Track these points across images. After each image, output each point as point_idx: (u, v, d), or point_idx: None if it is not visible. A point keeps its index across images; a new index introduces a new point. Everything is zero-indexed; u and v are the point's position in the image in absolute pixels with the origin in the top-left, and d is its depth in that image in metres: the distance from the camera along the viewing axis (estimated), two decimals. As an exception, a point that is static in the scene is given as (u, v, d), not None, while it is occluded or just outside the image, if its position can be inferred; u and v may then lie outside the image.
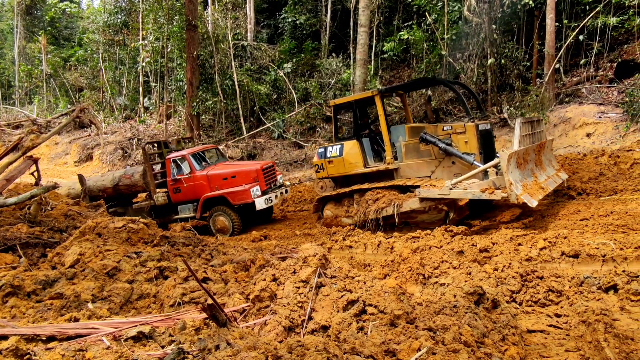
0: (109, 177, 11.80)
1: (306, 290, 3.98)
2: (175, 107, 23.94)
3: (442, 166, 8.06)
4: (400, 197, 7.87)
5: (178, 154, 11.08)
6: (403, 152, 8.39)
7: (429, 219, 7.76)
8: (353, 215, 8.60)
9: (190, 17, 18.05)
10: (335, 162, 8.96)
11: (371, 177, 8.79)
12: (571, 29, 13.20)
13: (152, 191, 10.75)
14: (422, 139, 8.03)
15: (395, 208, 7.77)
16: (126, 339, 2.93)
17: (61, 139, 26.70)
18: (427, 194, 7.40)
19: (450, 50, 15.20)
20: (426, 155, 8.17)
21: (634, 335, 3.32)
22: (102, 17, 29.20)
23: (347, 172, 8.88)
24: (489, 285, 4.36)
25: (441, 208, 7.52)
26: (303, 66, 19.66)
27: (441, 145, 7.81)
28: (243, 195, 10.04)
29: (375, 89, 8.79)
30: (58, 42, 36.56)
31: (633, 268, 4.69)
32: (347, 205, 8.83)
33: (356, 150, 8.80)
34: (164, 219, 11.18)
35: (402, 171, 8.43)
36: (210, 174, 10.64)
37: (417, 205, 7.58)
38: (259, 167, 10.49)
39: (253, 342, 2.92)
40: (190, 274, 4.80)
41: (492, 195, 6.79)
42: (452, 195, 7.16)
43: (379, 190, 8.21)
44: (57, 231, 7.17)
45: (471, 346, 3.17)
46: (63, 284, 4.75)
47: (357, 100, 8.99)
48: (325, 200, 9.21)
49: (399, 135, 8.55)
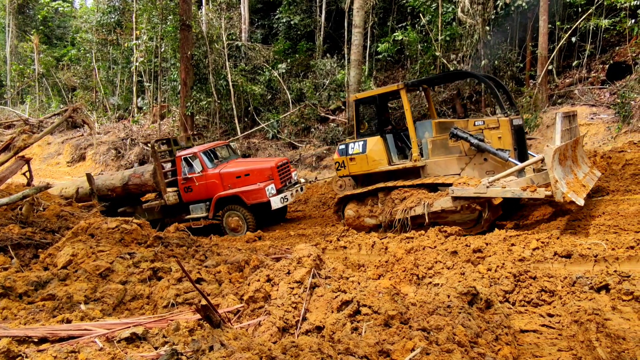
0: (118, 176, 11.51)
1: (300, 291, 3.98)
2: (169, 107, 23.84)
3: (473, 163, 7.65)
4: (431, 196, 7.50)
5: (189, 151, 10.72)
6: (429, 148, 7.99)
7: (461, 219, 7.41)
8: (377, 216, 8.21)
9: (184, 17, 17.98)
10: (358, 160, 8.53)
11: (395, 175, 8.37)
12: (564, 31, 13.29)
13: (163, 190, 10.47)
14: (452, 135, 7.62)
15: (426, 207, 7.40)
16: (119, 340, 2.91)
17: (54, 139, 26.51)
18: (461, 192, 7.01)
19: (444, 52, 15.25)
20: (455, 151, 7.78)
21: (625, 335, 3.35)
22: (95, 16, 29.02)
23: (370, 170, 8.46)
24: (482, 286, 4.38)
25: (474, 207, 7.16)
26: (297, 67, 19.65)
27: (473, 141, 7.41)
28: (258, 194, 9.73)
29: (401, 83, 8.35)
30: (50, 42, 36.27)
31: (624, 268, 4.73)
32: (370, 204, 8.42)
33: (380, 147, 8.38)
34: (174, 219, 10.92)
35: (429, 169, 8.03)
36: (223, 172, 10.30)
37: (449, 205, 7.22)
38: (273, 165, 10.13)
39: (247, 343, 2.91)
40: (184, 274, 4.78)
41: (534, 193, 6.41)
42: (490, 194, 6.78)
43: (407, 189, 7.84)
44: (50, 232, 7.11)
45: (465, 346, 3.19)
46: (55, 285, 4.71)
47: (380, 94, 8.59)
48: (346, 199, 8.79)
49: (424, 131, 8.19)
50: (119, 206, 11.49)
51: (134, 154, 20.41)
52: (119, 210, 11.34)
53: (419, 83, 8.96)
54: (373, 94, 8.70)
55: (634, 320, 3.59)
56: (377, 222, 8.25)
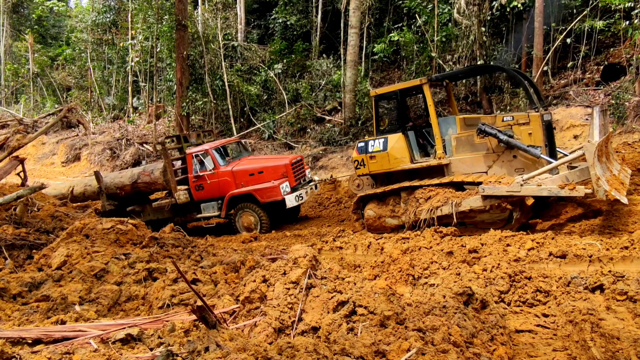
0: (127, 174, 11.23)
1: (296, 292, 3.98)
2: (164, 107, 23.77)
3: (502, 160, 7.34)
4: (459, 195, 7.15)
5: (200, 148, 10.42)
6: (453, 145, 7.67)
7: (490, 219, 7.08)
8: (400, 216, 7.83)
9: (180, 17, 17.94)
10: (379, 158, 8.19)
11: (416, 174, 8.07)
12: (559, 32, 13.37)
13: (173, 189, 10.16)
14: (480, 131, 7.29)
15: (454, 207, 7.04)
16: (114, 341, 2.90)
17: (48, 139, 26.36)
18: (492, 190, 6.63)
19: (440, 52, 15.29)
20: (482, 148, 7.45)
21: (619, 335, 3.36)
22: (91, 16, 28.88)
23: (392, 168, 8.13)
24: (478, 286, 4.39)
25: (505, 207, 6.83)
26: (293, 67, 19.65)
27: (503, 137, 7.07)
28: (272, 192, 9.45)
29: (424, 77, 8.11)
30: (45, 41, 36.07)
31: (619, 268, 4.76)
32: (392, 204, 8.01)
33: (402, 144, 8.04)
34: (185, 218, 10.72)
35: (454, 167, 7.70)
36: (236, 170, 10.01)
37: (478, 204, 6.86)
38: (287, 162, 9.85)
39: (243, 344, 2.91)
40: (179, 275, 4.77)
41: (573, 192, 6.09)
42: (524, 193, 6.42)
43: (432, 188, 7.50)
44: (44, 232, 7.07)
45: (460, 346, 3.19)
46: (49, 286, 4.69)
47: (402, 89, 8.23)
48: (366, 199, 8.40)
49: (448, 127, 7.84)
50: (127, 205, 11.23)
51: (130, 154, 20.33)
52: (127, 210, 11.08)
53: (443, 77, 8.62)
54: (393, 89, 8.34)
55: (628, 320, 3.61)
56: (399, 222, 7.90)
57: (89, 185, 11.46)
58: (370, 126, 15.73)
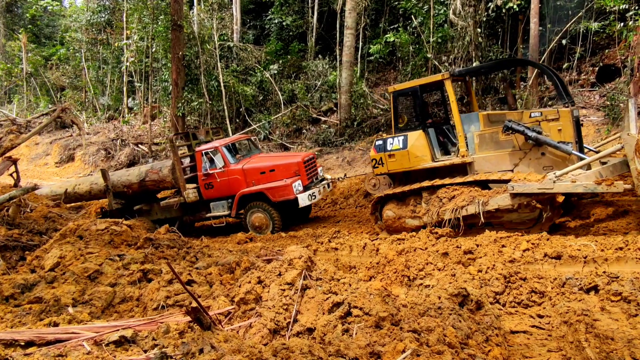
0: (134, 172, 10.99)
1: (291, 293, 3.97)
2: (160, 107, 23.69)
3: (529, 158, 7.04)
4: (485, 194, 6.85)
5: (209, 145, 10.18)
6: (476, 143, 7.42)
7: (519, 218, 6.85)
8: (421, 216, 7.55)
9: (175, 17, 17.88)
10: (398, 156, 7.91)
11: (437, 173, 7.79)
12: (554, 34, 13.43)
13: (182, 187, 9.88)
14: (507, 128, 6.99)
15: (480, 206, 6.74)
16: (107, 343, 2.88)
17: (41, 140, 26.21)
18: (522, 188, 6.33)
19: (435, 53, 15.33)
20: (507, 146, 7.17)
21: (614, 335, 3.37)
22: (85, 15, 28.74)
23: (412, 167, 7.87)
24: (473, 287, 4.40)
25: (534, 206, 6.60)
26: (289, 68, 19.64)
27: (531, 134, 6.78)
28: (284, 191, 9.18)
29: (446, 72, 7.81)
30: (39, 41, 35.85)
31: (613, 269, 4.78)
32: (413, 204, 7.73)
33: (423, 142, 7.76)
34: (194, 218, 10.51)
35: (477, 165, 7.42)
36: (247, 168, 9.76)
37: (506, 203, 6.57)
38: (300, 160, 9.59)
39: (238, 345, 2.89)
40: (174, 276, 4.74)
41: (611, 187, 5.83)
42: (557, 190, 6.14)
43: (456, 187, 7.22)
44: (37, 234, 7.02)
45: (455, 347, 3.19)
46: (42, 287, 4.65)
47: (422, 85, 7.95)
48: (384, 199, 8.11)
49: (470, 124, 7.59)
50: (134, 204, 11.02)
51: (125, 155, 20.23)
52: (135, 208, 10.89)
53: (466, 72, 8.29)
54: (413, 85, 8.03)
55: (622, 321, 3.62)
56: (420, 223, 7.61)
57: (95, 184, 11.20)
58: (365, 127, 15.76)
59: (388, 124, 15.45)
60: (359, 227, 9.06)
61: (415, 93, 8.03)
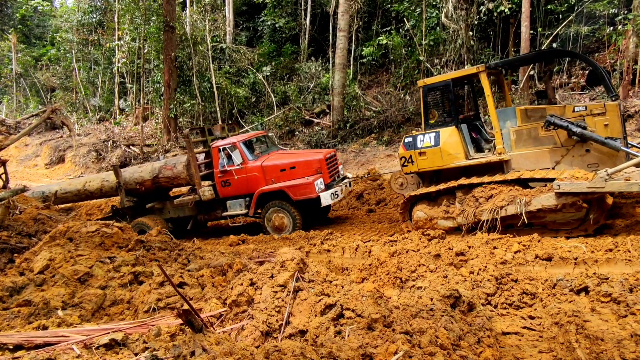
0: (147, 168, 10.55)
1: (284, 295, 3.96)
2: (152, 109, 23.57)
3: (572, 155, 6.65)
4: (528, 193, 6.46)
5: (227, 141, 9.72)
6: (512, 140, 7.03)
7: (563, 218, 6.41)
8: (455, 217, 7.16)
9: (167, 18, 17.82)
10: (430, 154, 7.52)
11: (469, 172, 7.42)
12: (545, 37, 13.58)
13: (197, 184, 9.52)
14: (549, 123, 6.60)
15: (523, 206, 6.39)
16: (97, 346, 2.85)
17: (31, 141, 25.95)
18: (570, 187, 5.96)
19: (428, 56, 15.42)
20: (548, 142, 6.77)
21: (603, 336, 3.40)
22: (76, 15, 28.56)
23: (445, 165, 7.47)
24: (465, 288, 4.41)
25: (580, 206, 6.18)
26: (282, 69, 19.65)
27: (576, 129, 6.40)
28: (306, 190, 8.76)
29: (481, 64, 7.40)
30: (29, 41, 35.52)
31: (603, 270, 4.82)
32: (446, 204, 7.35)
33: (456, 139, 7.36)
34: (208, 216, 10.15)
35: (515, 163, 7.03)
36: (266, 165, 9.33)
37: (551, 202, 6.20)
38: (322, 157, 9.15)
39: (229, 348, 2.88)
40: (166, 278, 4.71)
41: None
42: (609, 188, 5.79)
43: (494, 186, 6.80)
44: (26, 236, 6.94)
45: (447, 349, 3.20)
46: (31, 290, 4.60)
47: (454, 79, 7.58)
48: (415, 199, 7.71)
49: (506, 119, 7.19)
50: (147, 202, 10.66)
51: (116, 156, 20.09)
52: (147, 207, 10.57)
53: (503, 64, 7.90)
54: (445, 79, 7.63)
55: (612, 322, 3.65)
56: (454, 224, 7.23)
57: (106, 181, 10.87)
58: (358, 129, 15.80)
59: (380, 126, 15.53)
60: (352, 228, 9.06)
61: (447, 87, 7.59)
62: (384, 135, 15.21)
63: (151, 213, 10.62)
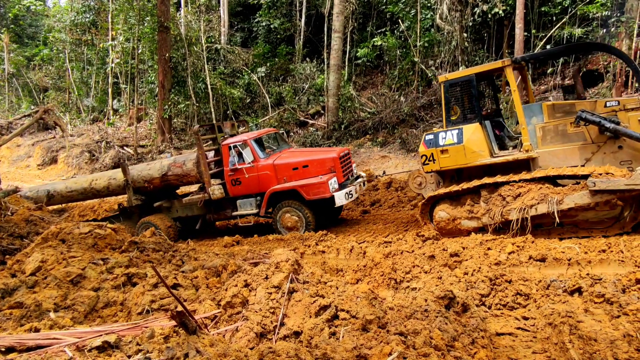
0: (156, 165, 10.32)
1: (278, 296, 3.95)
2: (146, 109, 23.46)
3: (603, 152, 6.42)
4: (560, 191, 6.22)
5: (238, 138, 9.48)
6: (539, 136, 6.80)
7: (596, 217, 6.23)
8: (480, 217, 6.87)
9: (162, 19, 17.76)
10: (452, 152, 7.25)
11: (494, 169, 7.19)
12: (539, 39, 13.66)
13: (207, 183, 9.27)
14: (580, 119, 6.34)
15: (555, 205, 6.12)
16: (90, 349, 2.82)
17: (23, 141, 25.72)
18: (606, 184, 5.76)
19: (422, 57, 15.47)
20: (577, 139, 6.54)
21: (597, 336, 3.42)
22: (69, 15, 28.35)
23: (468, 163, 7.21)
24: (459, 289, 4.42)
25: (615, 203, 5.98)
26: (277, 70, 19.64)
27: (609, 125, 6.16)
28: (319, 189, 8.51)
29: (507, 58, 7.18)
30: (22, 41, 35.24)
31: (596, 271, 4.86)
32: (470, 204, 7.06)
33: (480, 136, 7.11)
34: (218, 216, 9.92)
35: (542, 160, 6.79)
36: (278, 164, 9.09)
37: (585, 201, 5.97)
38: (335, 155, 8.89)
39: (223, 350, 2.86)
40: (159, 280, 4.68)
41: None
42: None
43: (522, 184, 6.55)
44: (18, 237, 6.88)
45: (441, 350, 3.20)
46: (23, 292, 4.56)
47: (478, 73, 7.31)
48: (437, 199, 7.45)
49: (532, 116, 6.96)
50: (155, 200, 10.47)
51: (109, 157, 19.96)
52: (155, 205, 10.37)
53: (530, 58, 7.59)
54: (468, 74, 7.38)
55: (605, 322, 3.67)
56: (478, 224, 6.95)
57: (113, 179, 10.63)
58: (353, 130, 15.80)
59: (375, 127, 15.54)
60: (346, 230, 9.06)
61: (470, 82, 7.32)
62: (379, 137, 15.23)
63: (159, 212, 10.44)
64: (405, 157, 13.97)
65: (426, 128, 14.25)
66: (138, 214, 10.50)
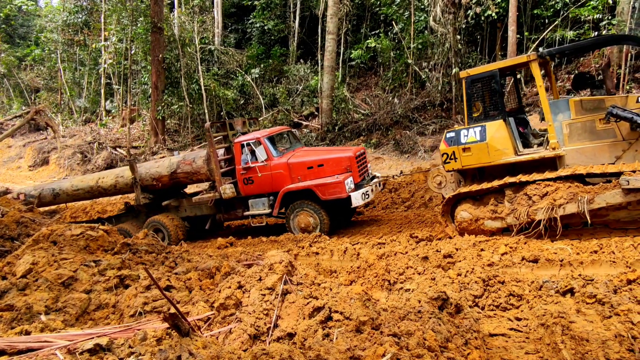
0: (164, 163, 10.05)
1: (272, 298, 3.94)
2: (139, 110, 23.36)
3: (635, 149, 6.16)
4: (590, 190, 5.98)
5: (250, 136, 9.23)
6: (566, 133, 6.54)
7: (629, 216, 5.95)
8: (504, 217, 6.59)
9: (155, 19, 17.70)
10: (475, 150, 6.98)
11: (518, 168, 6.97)
12: (531, 41, 13.77)
13: (218, 181, 9.04)
14: (611, 115, 6.11)
15: (585, 204, 5.86)
16: (82, 352, 2.79)
17: (15, 142, 25.50)
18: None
19: (416, 59, 15.54)
20: (607, 136, 6.29)
21: (589, 337, 3.44)
22: (62, 15, 28.16)
23: (492, 162, 6.94)
24: (452, 290, 4.43)
25: None
26: (271, 72, 19.63)
27: None
28: (335, 189, 8.27)
29: (532, 53, 6.93)
30: (13, 41, 34.96)
31: (588, 272, 4.89)
32: (493, 204, 6.79)
33: (504, 133, 6.85)
34: (228, 215, 9.66)
35: (569, 158, 6.55)
36: (292, 162, 8.83)
37: (617, 200, 5.72)
38: (352, 154, 8.64)
39: (217, 352, 2.85)
40: (152, 282, 4.65)
41: None
42: None
43: (549, 183, 6.28)
44: (8, 239, 6.81)
45: (435, 351, 3.21)
46: (14, 295, 4.51)
47: (501, 69, 7.09)
48: (459, 199, 7.18)
49: (558, 112, 6.68)
50: (163, 198, 10.27)
51: (102, 158, 19.85)
52: (163, 204, 10.17)
53: (557, 52, 7.33)
54: (491, 69, 7.09)
55: (597, 323, 3.70)
56: (503, 225, 6.67)
57: (120, 177, 10.40)
58: (347, 131, 15.82)
59: (369, 129, 15.58)
60: (340, 231, 9.07)
61: (493, 78, 7.06)
62: (373, 138, 15.26)
63: (166, 211, 10.24)
64: (399, 158, 14.01)
65: (420, 130, 14.31)
66: (146, 213, 10.30)
